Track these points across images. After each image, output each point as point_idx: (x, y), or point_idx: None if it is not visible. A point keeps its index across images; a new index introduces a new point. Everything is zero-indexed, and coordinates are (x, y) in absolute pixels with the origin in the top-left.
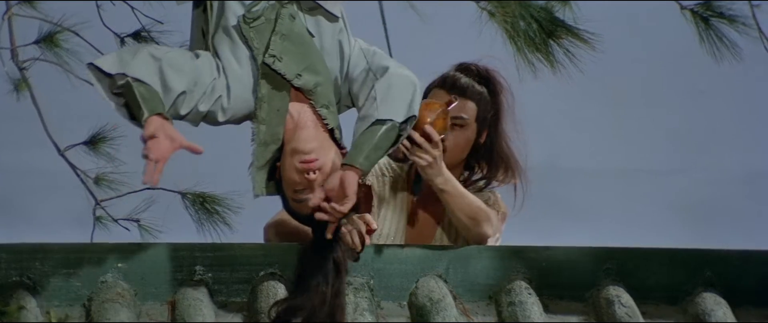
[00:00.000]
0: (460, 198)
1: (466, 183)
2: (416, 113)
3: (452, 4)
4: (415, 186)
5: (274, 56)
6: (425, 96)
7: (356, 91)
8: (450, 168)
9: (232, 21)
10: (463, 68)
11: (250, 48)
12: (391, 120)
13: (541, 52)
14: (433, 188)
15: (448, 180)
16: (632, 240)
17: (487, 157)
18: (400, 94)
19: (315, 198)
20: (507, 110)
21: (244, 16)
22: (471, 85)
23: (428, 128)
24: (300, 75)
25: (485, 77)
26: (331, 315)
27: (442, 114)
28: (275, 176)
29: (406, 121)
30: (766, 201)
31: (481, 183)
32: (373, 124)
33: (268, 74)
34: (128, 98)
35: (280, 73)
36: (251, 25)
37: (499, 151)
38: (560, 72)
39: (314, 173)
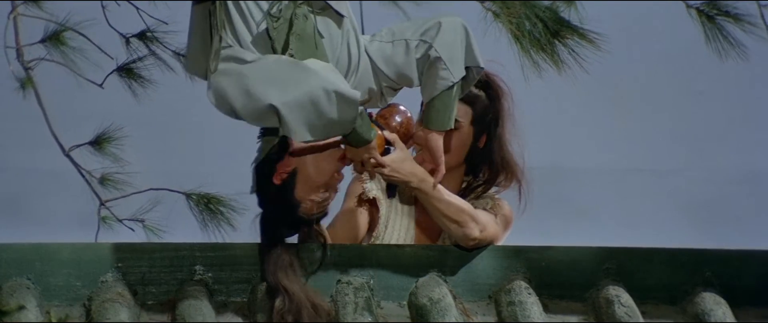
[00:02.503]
0: (439, 201)
1: (468, 188)
2: (475, 57)
3: (456, 5)
4: (389, 189)
5: (292, 56)
6: None
7: (402, 68)
8: (448, 170)
9: (250, 20)
10: None
11: (273, 49)
12: (458, 80)
13: (546, 52)
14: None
15: (422, 182)
16: (632, 239)
17: (487, 162)
18: (456, 51)
19: (332, 196)
20: (507, 115)
21: (270, 15)
22: (470, 89)
23: (380, 158)
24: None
25: (484, 81)
26: (314, 309)
27: (380, 139)
28: (272, 179)
29: (468, 71)
30: (766, 201)
31: (481, 188)
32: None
33: None
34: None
35: None
36: (275, 24)
37: (499, 155)
38: (565, 72)
39: (341, 175)
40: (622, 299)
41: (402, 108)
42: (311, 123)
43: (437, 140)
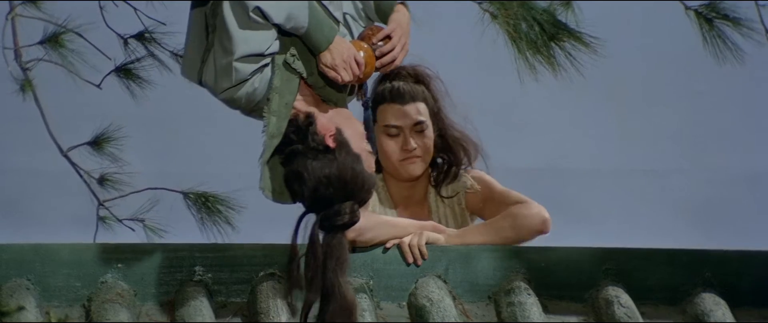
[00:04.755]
0: (488, 236)
1: (438, 178)
2: None
3: (454, 6)
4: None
5: (294, 55)
6: (374, 113)
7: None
8: (423, 173)
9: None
10: (393, 76)
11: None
12: None
13: (542, 54)
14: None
15: (463, 236)
16: (632, 240)
17: (442, 147)
18: None
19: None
20: (443, 97)
21: None
22: (412, 88)
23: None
24: (312, 73)
25: (415, 75)
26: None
27: (370, 55)
28: (324, 146)
29: None
30: (766, 201)
31: (452, 171)
32: None
33: (281, 67)
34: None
35: (297, 71)
36: None
37: (450, 137)
38: (561, 74)
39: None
40: (621, 299)
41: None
42: None
43: (400, 16)
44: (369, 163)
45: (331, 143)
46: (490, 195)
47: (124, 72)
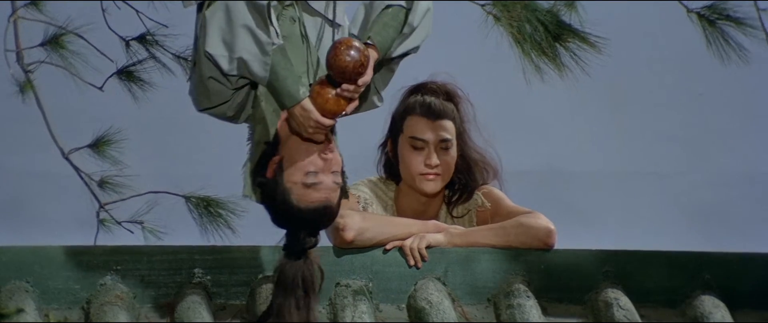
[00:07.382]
0: (492, 240)
1: (452, 197)
2: None
3: (456, 7)
4: None
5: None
6: (402, 123)
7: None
8: (439, 190)
9: None
10: (426, 90)
11: None
12: (399, 5)
13: (547, 55)
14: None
15: (466, 236)
16: (631, 242)
17: (462, 168)
18: None
19: (326, 181)
20: (470, 119)
21: None
22: (443, 105)
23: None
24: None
25: (446, 92)
26: None
27: (335, 97)
28: (266, 175)
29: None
30: (766, 204)
31: (467, 193)
32: (383, 9)
33: None
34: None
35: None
36: None
37: (471, 159)
38: (567, 75)
39: (331, 152)
40: (621, 302)
41: (349, 41)
42: (225, 31)
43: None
44: (328, 196)
45: (269, 173)
46: (498, 211)
47: (126, 74)
